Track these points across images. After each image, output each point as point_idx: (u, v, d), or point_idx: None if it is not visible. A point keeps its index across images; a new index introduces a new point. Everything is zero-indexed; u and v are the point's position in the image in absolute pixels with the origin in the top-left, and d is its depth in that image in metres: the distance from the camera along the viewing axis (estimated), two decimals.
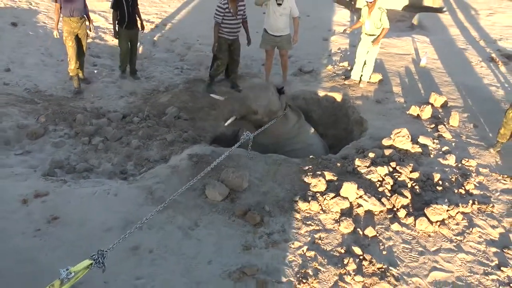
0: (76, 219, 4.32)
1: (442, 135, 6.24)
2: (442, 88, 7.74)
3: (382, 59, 8.69)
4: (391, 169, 5.34)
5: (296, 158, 5.61)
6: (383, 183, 5.12)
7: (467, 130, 6.49)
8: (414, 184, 5.17)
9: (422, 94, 7.56)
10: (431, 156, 5.76)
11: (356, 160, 5.44)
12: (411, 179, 5.25)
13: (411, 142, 5.83)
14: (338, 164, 5.45)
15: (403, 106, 7.09)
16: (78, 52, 7.31)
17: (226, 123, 6.36)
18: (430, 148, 5.89)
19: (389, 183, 5.10)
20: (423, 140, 5.97)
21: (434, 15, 11.97)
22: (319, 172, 5.18)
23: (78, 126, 6.16)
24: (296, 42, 7.51)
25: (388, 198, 4.90)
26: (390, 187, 5.07)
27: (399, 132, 5.87)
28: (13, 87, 7.14)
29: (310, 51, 9.24)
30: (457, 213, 4.77)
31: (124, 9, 7.35)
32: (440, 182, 5.24)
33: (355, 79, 7.84)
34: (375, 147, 5.82)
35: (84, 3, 7.23)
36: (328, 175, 5.13)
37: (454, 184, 5.29)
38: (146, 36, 9.58)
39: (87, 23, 7.39)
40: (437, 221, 4.64)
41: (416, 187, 5.13)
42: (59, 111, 6.45)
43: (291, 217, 4.61)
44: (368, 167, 5.32)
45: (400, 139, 5.81)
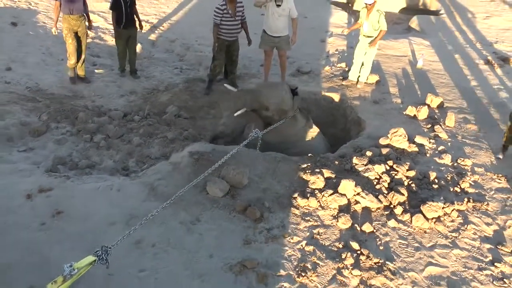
0: (80, 214, 4.41)
1: (438, 135, 6.35)
2: (438, 89, 7.87)
3: (379, 61, 8.81)
4: (388, 167, 5.45)
5: (295, 156, 5.69)
6: (380, 180, 5.22)
7: (462, 130, 6.61)
8: (410, 182, 5.27)
9: (419, 95, 7.68)
10: (427, 155, 5.87)
11: (354, 158, 5.54)
12: (407, 177, 5.36)
13: (408, 141, 5.94)
14: (336, 162, 5.55)
15: (400, 107, 7.20)
16: (78, 50, 7.41)
17: (236, 113, 6.38)
18: (427, 147, 6.00)
19: (386, 181, 5.20)
20: (419, 139, 6.08)
21: (431, 17, 12.10)
22: (317, 170, 5.28)
23: (80, 124, 6.25)
24: (294, 43, 7.59)
25: (385, 195, 5.00)
26: (387, 185, 5.17)
27: (396, 132, 5.98)
28: (14, 85, 7.21)
29: (308, 52, 9.34)
30: (452, 210, 4.88)
31: (122, 9, 7.44)
32: (436, 181, 5.34)
33: (352, 80, 7.94)
34: (372, 146, 5.92)
35: (84, 2, 7.33)
36: (327, 173, 5.23)
37: (450, 182, 5.40)
38: (146, 37, 9.66)
39: (86, 23, 7.48)
40: (433, 218, 4.74)
41: (413, 185, 5.23)
42: (61, 109, 6.54)
43: (290, 213, 4.70)
44: (365, 165, 5.41)
45: (397, 138, 5.92)
